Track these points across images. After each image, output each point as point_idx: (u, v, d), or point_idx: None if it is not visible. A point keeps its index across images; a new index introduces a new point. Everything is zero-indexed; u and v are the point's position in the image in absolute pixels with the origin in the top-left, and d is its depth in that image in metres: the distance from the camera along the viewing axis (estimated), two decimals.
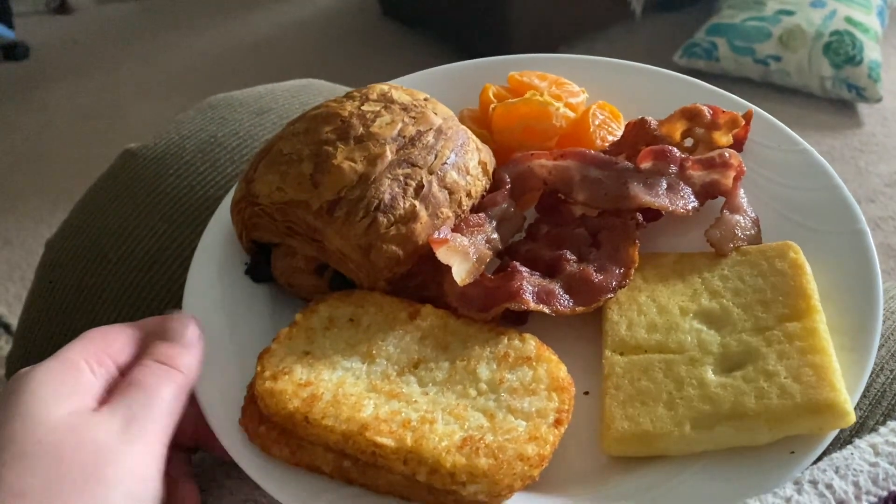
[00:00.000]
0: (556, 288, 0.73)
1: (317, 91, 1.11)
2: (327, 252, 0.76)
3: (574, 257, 0.75)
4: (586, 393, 0.71)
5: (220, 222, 0.85)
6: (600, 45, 2.83)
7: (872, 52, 2.47)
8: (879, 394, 0.69)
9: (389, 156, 0.76)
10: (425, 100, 0.83)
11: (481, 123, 0.91)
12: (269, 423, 0.65)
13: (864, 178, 2.49)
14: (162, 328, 0.70)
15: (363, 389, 0.65)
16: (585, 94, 0.92)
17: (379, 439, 0.61)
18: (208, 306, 0.78)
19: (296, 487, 0.64)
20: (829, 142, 2.55)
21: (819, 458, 0.61)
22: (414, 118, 0.79)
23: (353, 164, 0.75)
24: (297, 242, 0.77)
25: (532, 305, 0.71)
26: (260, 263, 0.81)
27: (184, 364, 0.66)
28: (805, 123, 2.64)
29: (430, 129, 0.79)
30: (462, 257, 0.72)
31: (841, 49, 2.44)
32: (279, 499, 0.64)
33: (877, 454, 0.58)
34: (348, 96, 0.82)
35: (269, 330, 0.77)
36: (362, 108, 0.80)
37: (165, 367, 0.65)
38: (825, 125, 2.56)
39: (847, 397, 0.61)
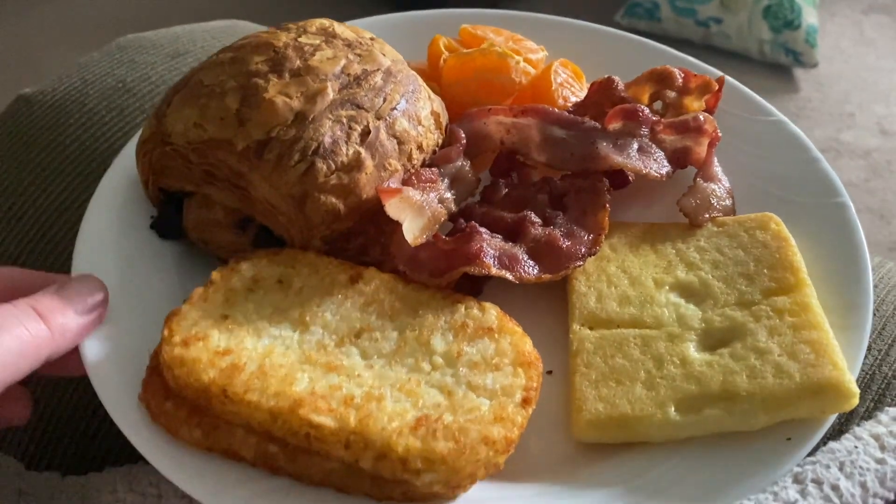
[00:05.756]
0: (520, 252, 0.64)
1: (241, 33, 0.98)
2: (252, 202, 0.64)
3: (539, 220, 0.67)
4: (549, 372, 0.62)
5: (125, 166, 0.72)
6: (542, 3, 2.76)
7: (810, 17, 2.50)
8: (868, 376, 0.64)
9: (331, 94, 0.65)
10: (371, 39, 0.73)
11: (430, 78, 0.81)
12: (176, 399, 0.53)
13: None
14: (64, 281, 0.59)
15: (295, 360, 0.54)
16: (545, 52, 0.84)
17: (316, 418, 0.50)
18: (102, 260, 0.65)
19: (208, 478, 0.52)
20: None
21: (815, 448, 0.54)
22: (359, 56, 0.69)
23: (287, 100, 0.64)
24: (217, 191, 0.65)
25: (494, 271, 0.61)
26: (169, 216, 0.68)
27: (57, 324, 0.54)
28: None
29: (378, 69, 0.69)
30: (416, 212, 0.62)
31: (780, 13, 2.45)
32: (188, 491, 0.52)
33: (882, 449, 0.51)
34: (282, 27, 0.71)
35: (176, 294, 0.65)
36: (299, 39, 0.69)
37: (34, 316, 0.53)
38: (762, 89, 2.58)
39: (851, 376, 0.55)
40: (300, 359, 0.55)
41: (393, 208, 0.61)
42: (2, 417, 0.59)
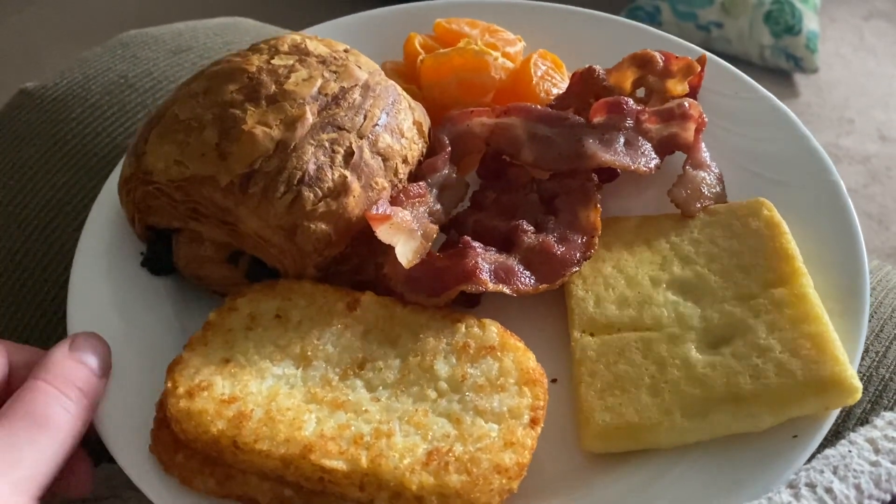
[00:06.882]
0: (515, 264, 0.63)
1: (243, 30, 0.98)
2: (242, 236, 0.64)
3: (531, 227, 0.66)
4: (554, 381, 0.63)
5: (112, 198, 0.71)
6: None
7: (811, 22, 2.48)
8: (865, 378, 0.64)
9: (311, 118, 0.64)
10: (346, 51, 0.71)
11: (408, 78, 0.80)
12: (187, 451, 0.53)
13: None
14: (72, 341, 0.58)
15: (301, 401, 0.54)
16: (523, 43, 0.82)
17: (327, 462, 0.50)
18: (98, 307, 0.65)
19: None
20: None
21: (812, 455, 0.55)
22: (335, 73, 0.67)
23: (267, 130, 0.62)
24: (204, 226, 0.64)
25: (491, 286, 0.61)
26: (159, 253, 0.68)
27: (90, 391, 0.55)
28: None
29: (356, 85, 0.67)
30: (407, 235, 0.62)
31: (781, 18, 2.44)
32: None
33: (877, 452, 0.52)
34: (253, 49, 0.69)
35: (177, 334, 0.64)
36: (272, 62, 0.67)
37: (67, 390, 0.53)
38: None
39: (853, 371, 0.55)
40: (306, 398, 0.55)
41: (384, 234, 0.61)
42: (68, 487, 0.59)
